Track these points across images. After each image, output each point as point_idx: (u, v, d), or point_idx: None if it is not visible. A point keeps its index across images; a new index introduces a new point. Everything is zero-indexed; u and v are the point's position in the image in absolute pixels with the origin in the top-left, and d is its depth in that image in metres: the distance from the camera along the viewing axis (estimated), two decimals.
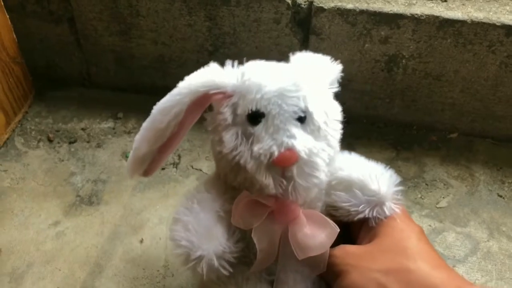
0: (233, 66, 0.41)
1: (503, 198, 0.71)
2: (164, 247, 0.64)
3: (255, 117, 0.39)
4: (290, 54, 0.44)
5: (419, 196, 0.71)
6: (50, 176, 0.73)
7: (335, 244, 0.42)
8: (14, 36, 0.77)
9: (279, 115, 0.38)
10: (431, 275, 0.38)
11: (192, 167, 0.74)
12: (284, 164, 0.38)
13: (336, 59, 0.45)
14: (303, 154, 0.38)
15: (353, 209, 0.43)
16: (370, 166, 0.45)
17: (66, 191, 0.71)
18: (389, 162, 0.74)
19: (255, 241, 0.41)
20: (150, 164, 0.43)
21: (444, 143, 0.78)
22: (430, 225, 0.67)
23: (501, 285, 0.61)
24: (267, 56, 0.76)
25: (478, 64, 0.70)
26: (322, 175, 0.40)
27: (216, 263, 0.40)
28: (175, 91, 0.40)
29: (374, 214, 0.42)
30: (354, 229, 0.45)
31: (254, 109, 0.39)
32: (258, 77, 0.40)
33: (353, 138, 0.78)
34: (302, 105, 0.39)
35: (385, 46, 0.71)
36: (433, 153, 0.77)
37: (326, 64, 0.45)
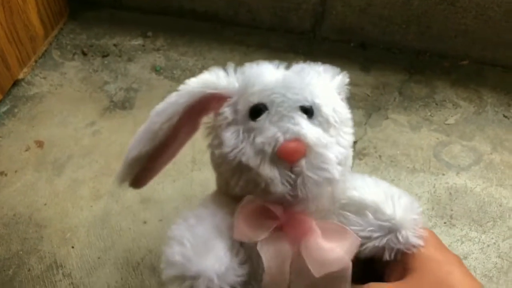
0: (235, 69, 0.38)
1: (508, 118, 0.75)
2: (192, 145, 0.70)
3: (258, 111, 0.35)
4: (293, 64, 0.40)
5: (429, 114, 0.76)
6: (86, 83, 0.78)
7: (359, 282, 0.36)
8: None
9: (284, 102, 0.35)
10: None
11: None
12: (291, 158, 0.33)
13: None
14: (311, 143, 0.33)
15: (361, 234, 0.37)
16: (388, 188, 0.39)
17: (101, 97, 0.76)
18: (401, 84, 0.80)
19: (261, 255, 0.35)
20: (141, 172, 0.39)
21: (455, 69, 0.82)
22: (437, 138, 0.72)
23: (500, 191, 0.67)
24: None
25: None
26: (335, 172, 0.34)
27: (217, 282, 0.33)
28: (173, 93, 0.37)
29: (384, 243, 0.37)
30: (379, 263, 0.38)
31: (256, 101, 0.35)
32: (259, 70, 0.37)
33: (369, 62, 0.82)
34: (308, 96, 0.35)
35: None
36: (444, 77, 0.81)
37: (333, 73, 0.39)
